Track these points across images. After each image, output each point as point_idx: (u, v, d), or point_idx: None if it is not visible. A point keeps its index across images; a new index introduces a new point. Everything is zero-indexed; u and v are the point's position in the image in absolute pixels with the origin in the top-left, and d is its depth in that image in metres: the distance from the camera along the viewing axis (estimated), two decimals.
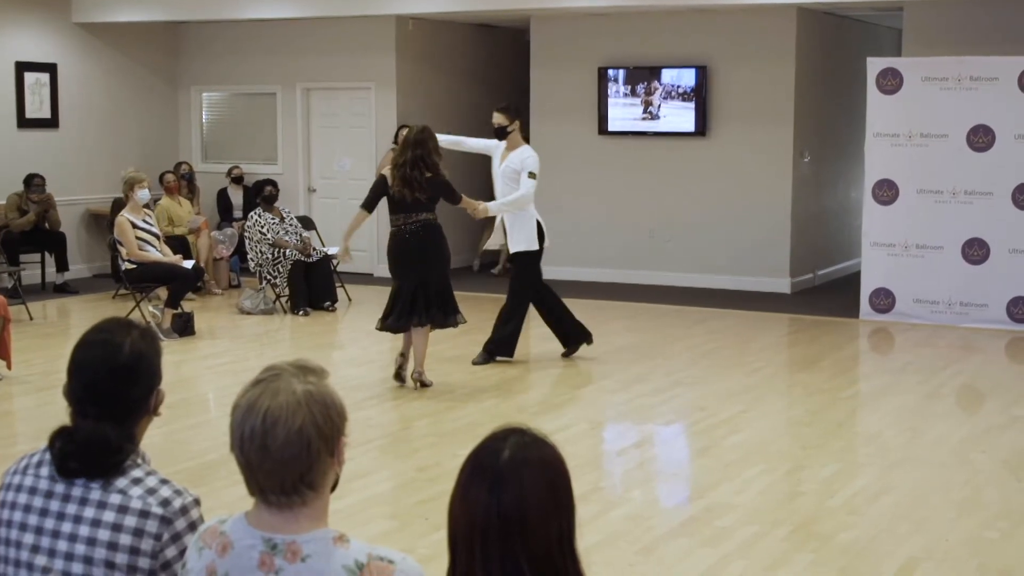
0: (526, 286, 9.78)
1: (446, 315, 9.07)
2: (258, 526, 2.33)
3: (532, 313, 10.12)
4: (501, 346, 9.85)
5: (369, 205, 9.33)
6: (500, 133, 9.77)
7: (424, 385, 9.01)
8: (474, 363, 9.78)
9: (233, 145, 16.09)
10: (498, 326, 9.91)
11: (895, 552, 5.68)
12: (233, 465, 2.34)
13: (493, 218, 10.16)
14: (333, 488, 2.40)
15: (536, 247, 9.66)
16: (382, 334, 12.26)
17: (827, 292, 13.84)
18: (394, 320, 9.03)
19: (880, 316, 11.94)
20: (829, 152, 14.49)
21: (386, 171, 9.16)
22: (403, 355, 9.23)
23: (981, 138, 11.43)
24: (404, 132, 14.20)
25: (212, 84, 16.09)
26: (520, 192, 9.52)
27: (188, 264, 11.54)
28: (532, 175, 9.47)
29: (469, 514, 2.21)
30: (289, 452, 2.26)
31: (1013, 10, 12.13)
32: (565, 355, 10.04)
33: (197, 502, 2.74)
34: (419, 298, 8.95)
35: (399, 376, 9.18)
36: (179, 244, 12.67)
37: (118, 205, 12.66)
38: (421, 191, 8.96)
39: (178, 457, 7.09)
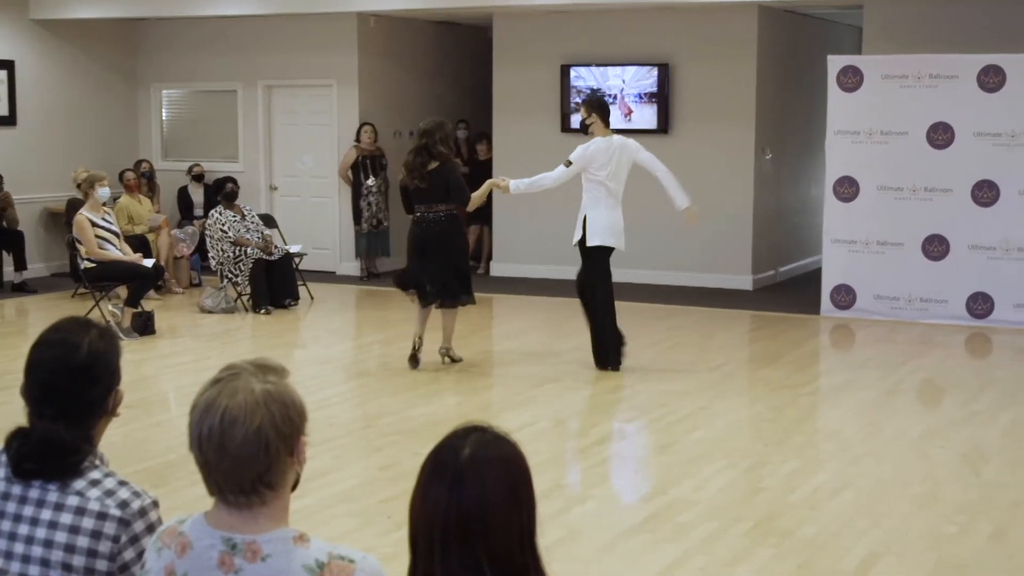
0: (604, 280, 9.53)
1: (459, 295, 9.50)
2: (217, 526, 2.33)
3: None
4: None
5: (408, 209, 9.76)
6: (584, 128, 9.67)
7: (453, 360, 9.56)
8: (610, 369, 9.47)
9: (194, 143, 16.01)
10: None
11: (855, 547, 5.72)
12: (193, 465, 2.34)
13: (481, 222, 10.16)
14: (294, 487, 2.40)
15: (610, 242, 9.40)
16: (343, 333, 12.28)
17: (788, 289, 13.92)
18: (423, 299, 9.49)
19: (841, 312, 12.02)
20: (790, 149, 14.57)
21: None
22: (420, 337, 9.51)
23: (941, 135, 11.52)
24: (367, 129, 14.33)
25: (172, 81, 16.00)
26: (545, 174, 9.53)
27: (148, 263, 11.48)
28: (568, 162, 9.41)
29: (429, 512, 2.21)
30: (247, 452, 2.25)
31: (972, 9, 12.24)
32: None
33: (156, 504, 2.73)
34: (440, 281, 9.38)
35: (415, 359, 9.48)
36: (139, 243, 12.59)
37: (74, 205, 12.58)
38: (422, 180, 9.28)
39: (138, 457, 7.05)
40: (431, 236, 9.40)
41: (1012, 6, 12.07)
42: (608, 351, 9.39)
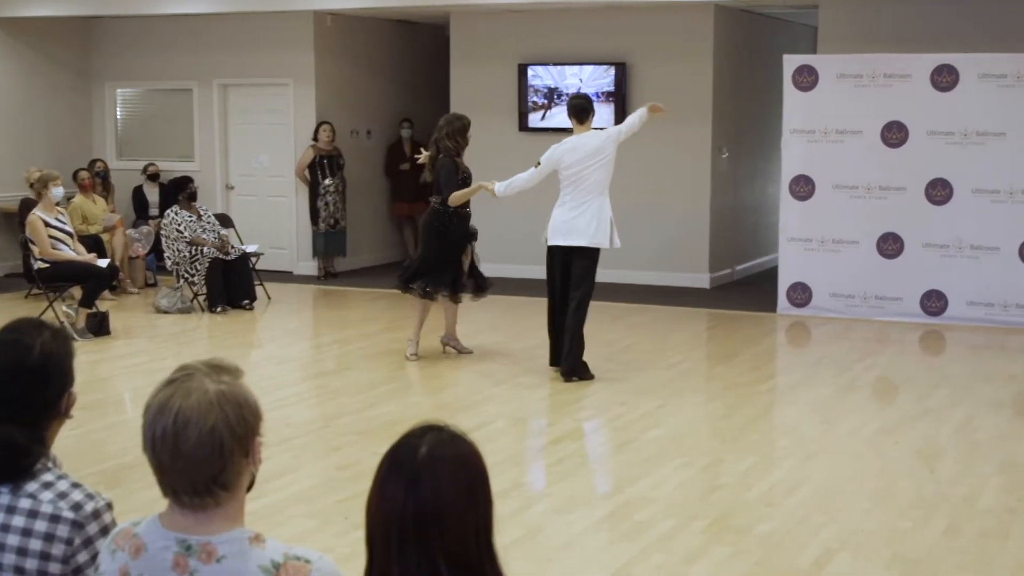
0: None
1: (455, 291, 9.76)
2: (172, 527, 2.32)
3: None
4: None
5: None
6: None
7: (457, 351, 9.96)
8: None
9: (149, 142, 15.90)
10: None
11: (811, 543, 5.76)
12: (149, 467, 2.32)
13: None
14: (249, 488, 2.39)
15: (548, 239, 9.23)
16: (300, 333, 12.25)
17: (745, 287, 13.99)
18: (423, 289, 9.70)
19: (797, 310, 12.10)
20: (746, 148, 14.65)
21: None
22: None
23: (895, 134, 11.62)
24: (325, 129, 14.27)
25: (126, 80, 15.88)
26: (519, 175, 9.41)
27: (103, 263, 11.39)
28: (537, 163, 9.33)
29: (386, 511, 2.21)
30: (201, 453, 2.24)
31: (926, 8, 12.35)
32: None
33: (109, 506, 2.71)
34: (430, 272, 9.65)
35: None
36: (93, 243, 12.49)
37: (27, 204, 12.46)
38: (431, 172, 9.72)
39: (93, 459, 7.00)
40: (428, 227, 9.74)
41: (964, 6, 12.19)
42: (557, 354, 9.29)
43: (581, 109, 9.27)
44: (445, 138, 9.60)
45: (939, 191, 11.51)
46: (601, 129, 9.53)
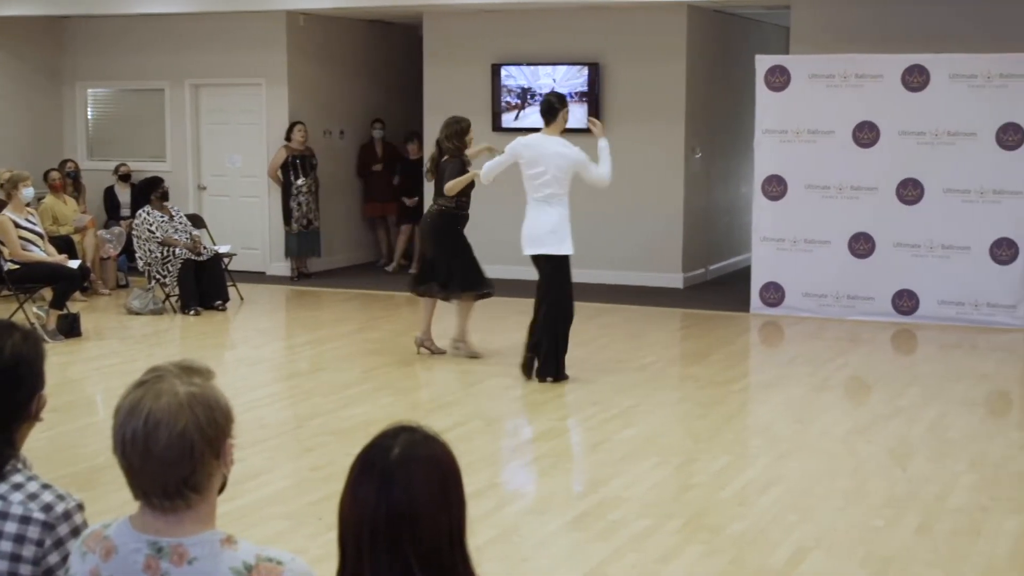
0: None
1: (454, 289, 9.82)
2: (143, 529, 2.30)
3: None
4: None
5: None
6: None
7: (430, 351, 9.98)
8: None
9: (120, 142, 15.82)
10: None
11: (784, 542, 5.78)
12: (120, 469, 2.31)
13: (412, 221, 10.11)
14: (221, 490, 2.38)
15: (560, 250, 9.05)
16: (273, 334, 12.21)
17: (718, 287, 14.03)
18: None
19: (770, 310, 12.14)
20: (720, 148, 14.69)
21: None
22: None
23: (866, 134, 11.67)
24: (299, 129, 14.24)
25: (98, 80, 15.80)
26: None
27: (74, 264, 11.33)
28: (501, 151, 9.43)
29: (358, 512, 2.20)
30: (171, 455, 2.23)
31: (898, 9, 12.41)
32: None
33: (80, 507, 2.70)
34: (434, 273, 9.81)
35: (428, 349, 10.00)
36: (64, 243, 12.42)
37: None
38: (434, 173, 9.88)
39: (65, 461, 6.96)
40: (424, 228, 10.00)
41: (935, 7, 12.26)
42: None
43: (545, 110, 9.16)
44: (445, 140, 9.72)
45: (910, 191, 11.56)
46: (571, 146, 9.10)
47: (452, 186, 9.49)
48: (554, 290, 9.07)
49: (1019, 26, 11.86)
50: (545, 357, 9.07)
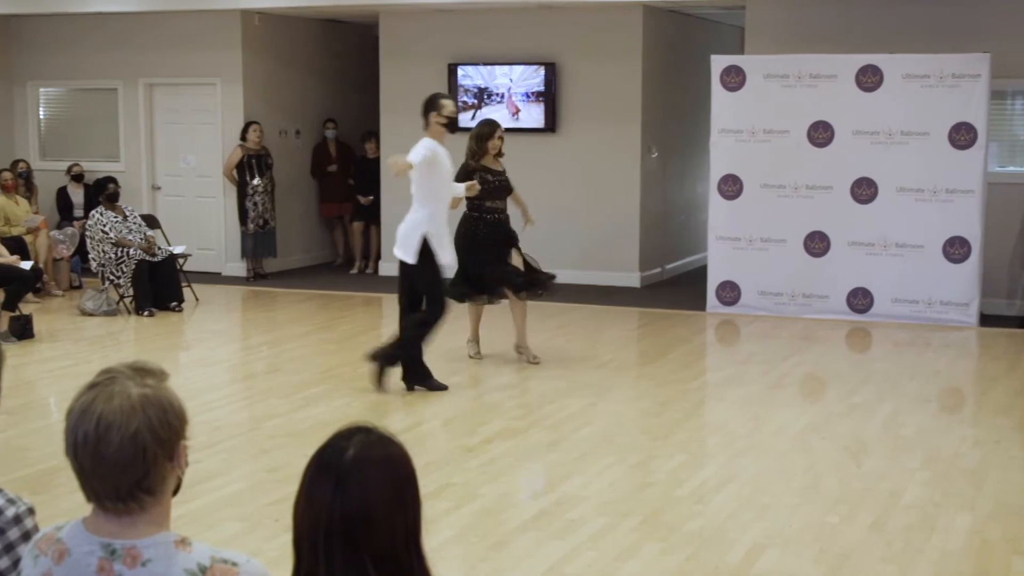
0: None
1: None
2: (96, 532, 2.29)
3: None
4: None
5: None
6: (455, 124, 9.03)
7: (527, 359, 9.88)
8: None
9: (73, 142, 15.69)
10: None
11: (740, 539, 5.82)
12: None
13: (368, 220, 9.88)
14: (175, 492, 2.36)
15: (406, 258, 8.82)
16: (229, 335, 12.14)
17: (675, 286, 14.08)
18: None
19: (726, 308, 12.20)
20: (676, 148, 14.75)
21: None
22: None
23: (821, 134, 11.75)
24: (255, 128, 14.15)
25: (49, 79, 15.67)
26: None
27: (26, 265, 11.23)
28: None
29: (313, 513, 2.20)
30: (124, 458, 2.21)
31: (851, 9, 12.50)
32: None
33: (31, 511, 2.67)
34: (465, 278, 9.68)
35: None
36: (16, 244, 12.31)
37: None
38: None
39: (17, 464, 6.91)
40: (454, 234, 9.47)
41: (889, 8, 12.35)
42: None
43: (422, 112, 8.89)
44: (470, 139, 9.72)
45: (864, 190, 11.66)
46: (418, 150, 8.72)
47: (453, 202, 9.18)
48: (403, 295, 8.92)
49: (971, 27, 11.97)
50: (408, 364, 8.87)
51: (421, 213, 8.70)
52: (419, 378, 8.91)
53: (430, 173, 8.64)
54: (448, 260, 8.89)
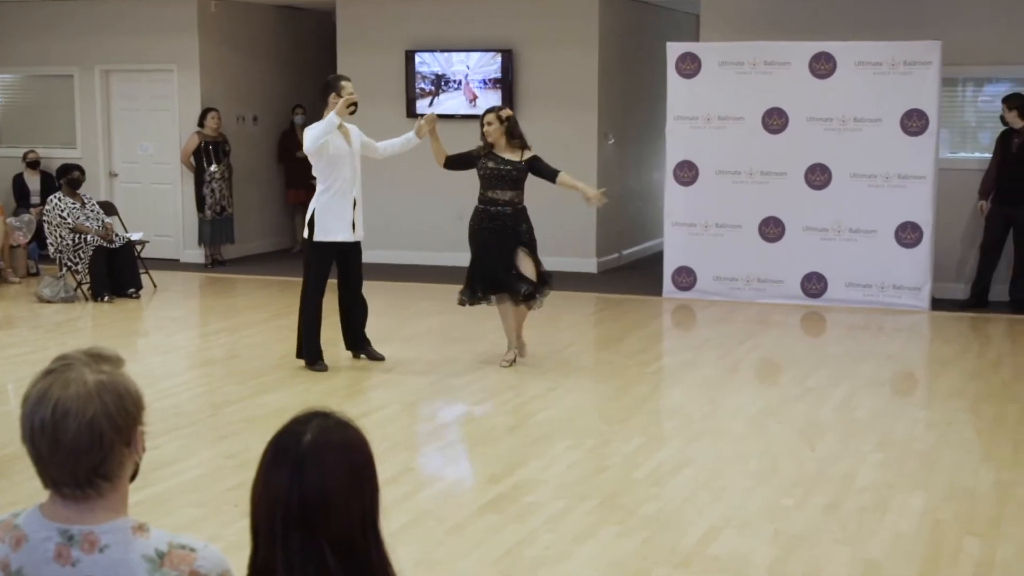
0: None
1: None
2: (53, 518, 2.27)
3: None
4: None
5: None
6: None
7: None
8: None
9: (30, 129, 15.54)
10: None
11: (697, 521, 5.85)
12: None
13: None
14: (133, 478, 2.35)
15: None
16: (187, 321, 12.06)
17: (632, 271, 14.12)
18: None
19: (682, 294, 12.25)
20: (632, 134, 14.77)
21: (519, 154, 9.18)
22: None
23: (775, 120, 11.81)
24: (213, 115, 14.05)
25: (4, 66, 15.50)
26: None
27: None
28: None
29: (270, 498, 2.19)
30: (81, 444, 2.19)
31: None
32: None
33: None
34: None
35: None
36: None
37: None
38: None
39: None
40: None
41: None
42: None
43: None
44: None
45: (818, 176, 11.72)
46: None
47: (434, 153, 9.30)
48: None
49: (922, 14, 12.05)
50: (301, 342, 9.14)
51: (319, 190, 8.96)
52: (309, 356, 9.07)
53: (318, 154, 8.85)
54: (342, 236, 8.91)
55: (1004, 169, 11.53)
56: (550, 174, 9.23)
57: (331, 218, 8.89)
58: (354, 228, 8.98)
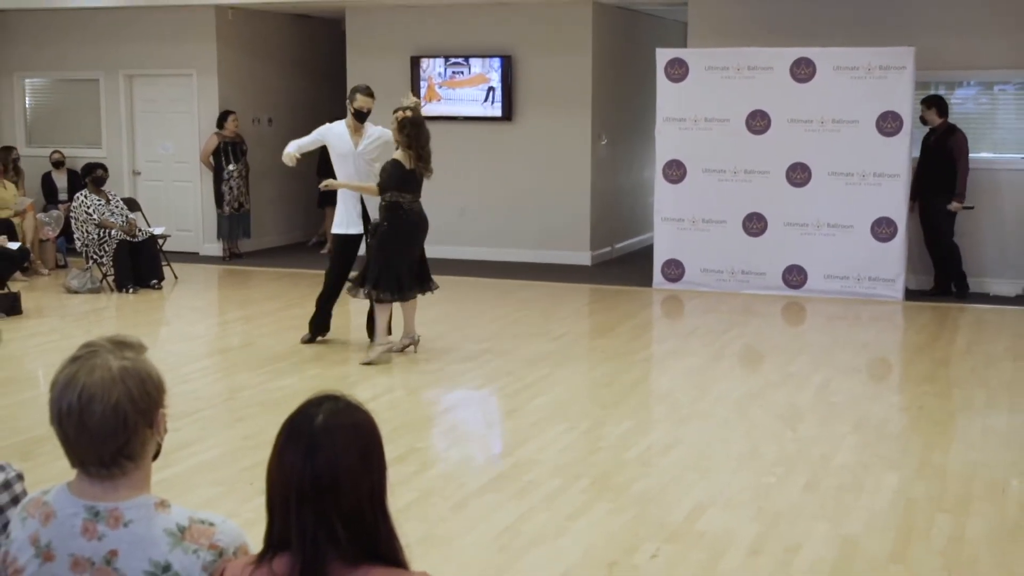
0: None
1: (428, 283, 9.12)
2: (80, 495, 2.28)
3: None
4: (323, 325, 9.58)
5: (385, 191, 8.68)
6: (366, 116, 9.18)
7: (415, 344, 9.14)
8: (304, 342, 9.48)
9: (58, 130, 15.52)
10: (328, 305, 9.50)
11: (684, 499, 5.85)
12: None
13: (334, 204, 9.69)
14: (155, 457, 2.36)
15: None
16: (206, 311, 12.04)
17: (624, 264, 14.11)
18: (405, 290, 8.81)
19: (671, 285, 12.24)
20: (624, 135, 14.76)
21: (398, 155, 8.63)
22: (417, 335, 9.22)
23: (759, 122, 11.79)
24: (233, 117, 14.03)
25: (35, 71, 15.48)
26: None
27: (14, 245, 11.11)
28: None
29: (285, 477, 2.20)
30: (106, 427, 2.20)
31: (786, 6, 12.53)
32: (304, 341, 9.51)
33: (20, 477, 2.65)
34: (421, 270, 9.01)
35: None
36: (4, 226, 12.19)
37: None
38: (428, 169, 8.75)
39: (5, 432, 6.85)
40: (423, 225, 8.84)
41: (821, 4, 12.39)
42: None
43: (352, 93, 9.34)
44: None
45: (799, 174, 11.72)
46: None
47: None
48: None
49: (896, 22, 12.04)
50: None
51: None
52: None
53: (334, 155, 9.26)
54: (354, 229, 9.20)
55: (920, 164, 11.63)
56: None
57: (343, 211, 9.23)
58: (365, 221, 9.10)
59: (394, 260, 8.69)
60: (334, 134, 9.24)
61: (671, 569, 5.00)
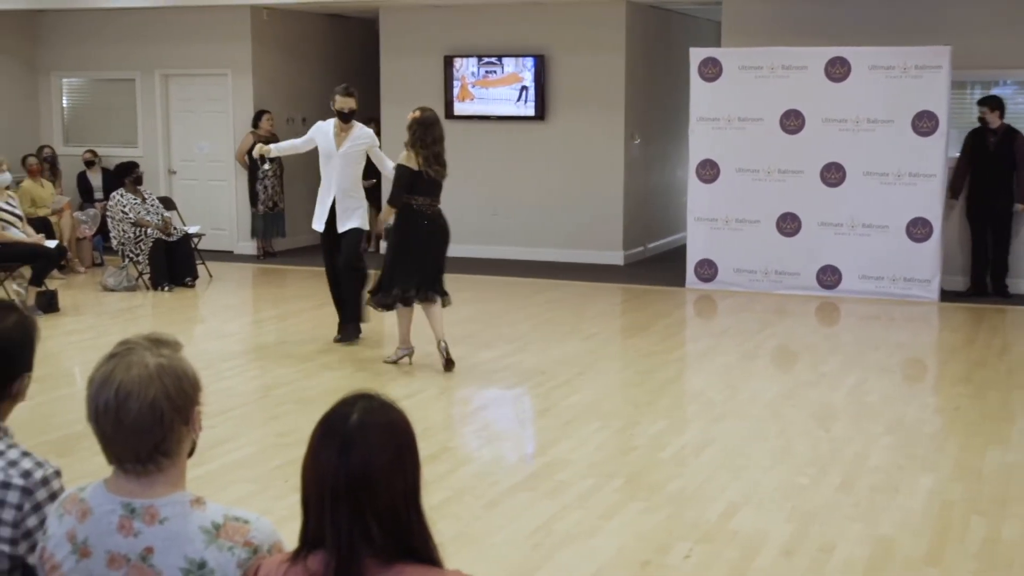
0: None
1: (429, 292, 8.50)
2: (116, 492, 2.29)
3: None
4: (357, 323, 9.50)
5: (398, 199, 8.37)
6: (349, 116, 9.39)
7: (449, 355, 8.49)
8: (339, 341, 9.41)
9: (94, 129, 15.63)
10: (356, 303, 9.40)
11: (718, 498, 5.82)
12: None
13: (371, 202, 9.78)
14: (190, 454, 2.36)
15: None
16: (240, 309, 12.09)
17: (656, 263, 14.07)
18: (404, 296, 8.41)
19: (704, 285, 12.20)
20: (657, 135, 14.71)
21: (402, 157, 8.36)
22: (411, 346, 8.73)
23: (793, 121, 11.73)
24: (268, 117, 14.08)
25: (72, 70, 15.59)
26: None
27: (51, 244, 11.20)
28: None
29: (320, 475, 2.20)
30: (142, 424, 2.21)
31: (821, 5, 12.46)
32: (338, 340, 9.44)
33: (58, 473, 2.67)
34: (437, 275, 8.51)
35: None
36: (42, 225, 12.28)
37: None
38: (441, 172, 8.41)
39: (43, 429, 6.89)
40: (440, 229, 8.47)
41: (856, 3, 12.30)
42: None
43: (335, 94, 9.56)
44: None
45: (833, 174, 11.64)
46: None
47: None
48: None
49: (932, 21, 11.95)
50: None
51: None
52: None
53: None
54: (317, 226, 9.42)
55: (980, 167, 11.55)
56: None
57: (322, 210, 9.44)
58: (335, 220, 9.25)
59: (397, 262, 8.40)
60: (321, 132, 9.53)
61: (704, 569, 4.98)
